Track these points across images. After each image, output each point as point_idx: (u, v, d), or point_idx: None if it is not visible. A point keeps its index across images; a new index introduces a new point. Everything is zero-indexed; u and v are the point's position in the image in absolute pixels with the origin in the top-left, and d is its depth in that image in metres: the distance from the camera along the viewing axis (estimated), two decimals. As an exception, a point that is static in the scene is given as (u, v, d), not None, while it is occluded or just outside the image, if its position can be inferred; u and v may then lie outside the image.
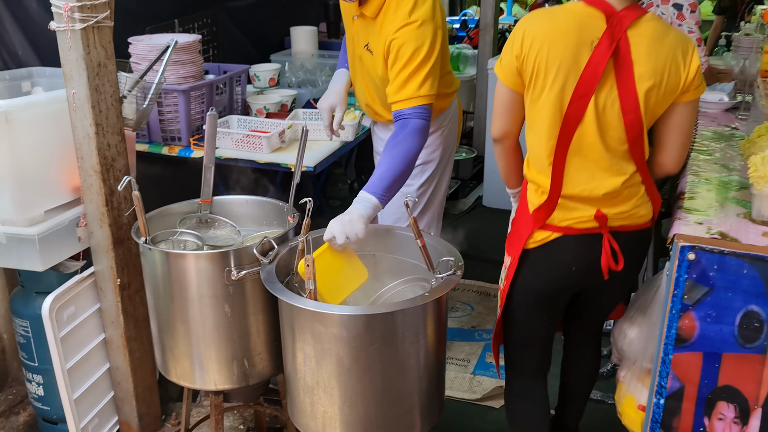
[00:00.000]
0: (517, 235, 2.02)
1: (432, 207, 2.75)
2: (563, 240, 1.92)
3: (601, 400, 2.72)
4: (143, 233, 2.02)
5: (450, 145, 2.74)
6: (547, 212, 1.91)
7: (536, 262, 1.97)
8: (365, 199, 2.05)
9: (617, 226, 1.91)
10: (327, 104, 2.61)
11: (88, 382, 2.50)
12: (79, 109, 2.19)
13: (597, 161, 1.85)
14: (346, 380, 1.77)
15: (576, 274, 1.97)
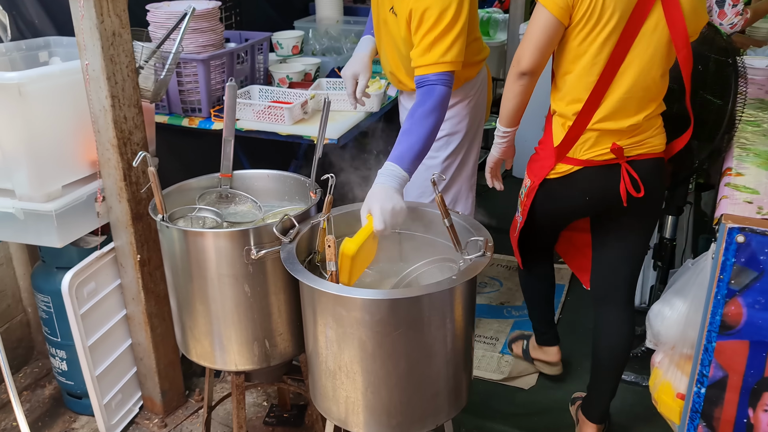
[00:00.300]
0: (540, 164, 2.17)
1: (459, 180, 2.63)
2: (583, 171, 2.07)
3: (635, 381, 2.62)
4: (160, 210, 1.95)
5: (478, 116, 2.62)
6: (572, 144, 2.05)
7: (554, 191, 2.16)
8: (398, 176, 1.95)
9: (633, 156, 2.05)
10: (350, 72, 2.50)
11: (111, 359, 2.48)
12: (94, 81, 2.12)
13: (631, 98, 1.98)
14: (369, 365, 1.70)
15: (591, 202, 2.14)
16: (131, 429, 2.61)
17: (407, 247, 2.10)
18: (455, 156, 2.57)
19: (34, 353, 2.96)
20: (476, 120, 2.61)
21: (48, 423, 2.67)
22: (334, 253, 1.69)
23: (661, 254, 2.63)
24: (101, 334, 2.42)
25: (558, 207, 2.21)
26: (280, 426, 2.61)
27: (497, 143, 2.28)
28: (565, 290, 3.29)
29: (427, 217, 2.05)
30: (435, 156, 2.53)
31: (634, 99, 1.98)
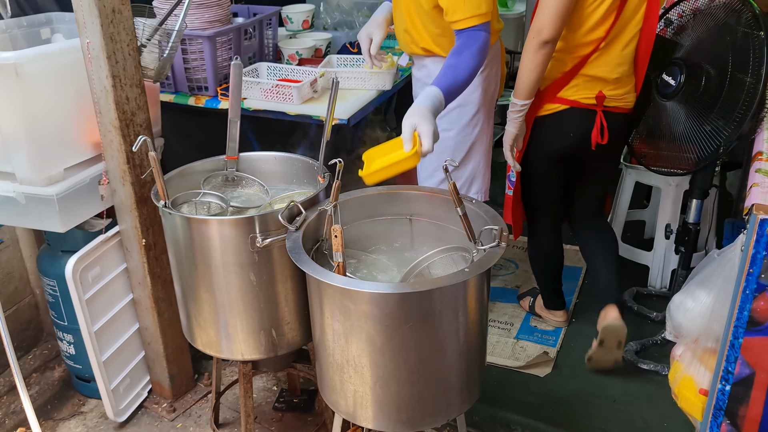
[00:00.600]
0: (531, 107, 2.33)
1: (474, 157, 2.52)
2: (569, 111, 2.32)
3: (654, 370, 2.53)
4: (162, 196, 1.88)
5: (491, 89, 2.50)
6: (561, 87, 2.30)
7: (544, 130, 2.38)
8: (438, 103, 1.95)
9: (610, 107, 2.32)
10: (364, 32, 2.53)
11: (117, 343, 2.45)
12: (95, 60, 2.04)
13: (626, 52, 2.25)
14: (378, 359, 1.64)
15: (573, 140, 2.37)
16: (140, 413, 2.58)
17: (418, 234, 2.03)
18: (470, 129, 2.47)
19: (43, 335, 2.94)
20: (489, 92, 2.50)
21: (57, 406, 2.65)
22: (341, 244, 1.62)
23: (684, 239, 2.53)
24: (107, 319, 2.38)
25: (547, 148, 2.42)
26: (289, 412, 2.57)
27: (514, 118, 2.34)
28: (583, 273, 3.20)
29: (439, 202, 1.97)
30: (448, 129, 2.44)
31: (627, 52, 2.25)
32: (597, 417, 2.36)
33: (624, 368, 2.58)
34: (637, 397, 2.43)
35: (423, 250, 2.01)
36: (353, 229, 2.00)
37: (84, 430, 2.52)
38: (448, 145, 2.46)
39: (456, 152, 2.47)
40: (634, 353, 2.62)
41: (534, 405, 2.42)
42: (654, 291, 3.01)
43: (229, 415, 2.57)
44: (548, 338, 2.75)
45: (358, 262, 1.95)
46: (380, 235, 2.03)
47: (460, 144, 2.47)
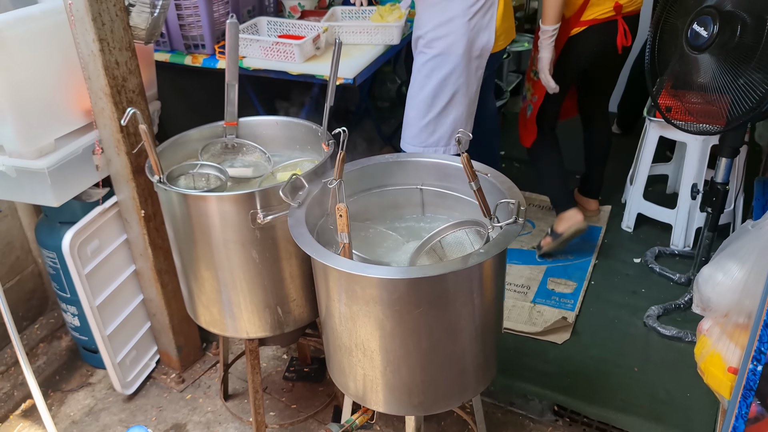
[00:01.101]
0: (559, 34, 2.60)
1: (456, 108, 2.38)
2: (592, 29, 2.64)
3: (677, 336, 2.43)
4: (156, 170, 1.77)
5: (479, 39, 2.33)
6: (583, 11, 2.61)
7: (572, 51, 2.69)
8: None
9: (628, 12, 2.66)
10: None
11: (122, 316, 2.38)
12: (79, 23, 1.90)
13: None
14: (388, 344, 1.55)
15: (597, 52, 2.72)
16: (148, 384, 2.54)
17: (430, 203, 1.91)
18: (453, 78, 2.33)
19: (48, 303, 2.88)
20: (478, 42, 2.33)
21: (65, 377, 2.62)
22: (346, 224, 1.51)
23: (712, 200, 2.39)
24: (110, 293, 2.30)
25: (575, 64, 2.74)
26: (300, 381, 2.51)
27: (547, 44, 2.57)
28: (602, 233, 3.07)
29: (451, 170, 1.84)
30: (429, 75, 2.33)
31: None
32: (617, 387, 2.28)
33: (645, 334, 2.49)
34: (658, 365, 2.34)
35: (435, 221, 1.91)
36: (360, 200, 1.89)
37: (93, 402, 2.49)
38: (428, 93, 2.35)
39: (435, 101, 2.36)
40: (655, 318, 2.52)
41: (551, 374, 2.35)
42: (677, 251, 2.88)
43: (238, 385, 2.52)
44: (566, 302, 2.65)
45: (366, 235, 1.84)
46: (389, 206, 1.92)
47: (439, 93, 2.35)
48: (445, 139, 2.39)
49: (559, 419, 2.25)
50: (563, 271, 2.82)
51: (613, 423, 2.17)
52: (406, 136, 2.46)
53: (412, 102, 2.39)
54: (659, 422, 2.13)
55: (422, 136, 2.39)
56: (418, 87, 2.35)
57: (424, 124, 2.37)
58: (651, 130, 2.87)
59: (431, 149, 2.40)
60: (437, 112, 2.35)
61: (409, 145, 2.45)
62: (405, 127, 2.46)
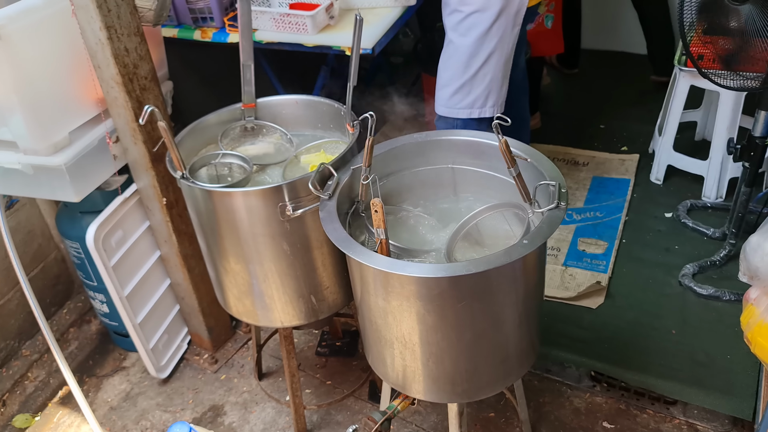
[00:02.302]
0: None
1: (492, 68, 2.24)
2: None
3: (714, 295, 2.38)
4: (178, 166, 1.70)
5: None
6: None
7: None
8: None
9: None
10: None
11: (151, 302, 2.36)
12: (82, 11, 1.80)
13: None
14: (430, 337, 1.51)
15: None
16: (182, 366, 2.54)
17: (462, 183, 1.84)
18: (489, 37, 2.19)
19: (74, 287, 2.87)
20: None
21: (99, 361, 2.63)
22: (383, 219, 1.44)
23: (750, 154, 2.29)
24: (137, 281, 2.28)
25: None
26: (333, 356, 2.50)
27: None
28: (631, 186, 2.99)
29: (484, 148, 1.76)
30: (464, 34, 2.20)
31: None
32: (654, 351, 2.25)
33: (681, 294, 2.45)
34: (696, 327, 2.31)
35: (468, 201, 1.84)
36: (390, 183, 1.82)
37: (129, 386, 2.50)
38: (464, 53, 2.23)
39: (472, 61, 2.23)
40: (691, 277, 2.46)
41: (587, 341, 2.32)
42: (709, 203, 2.81)
43: (272, 363, 2.52)
44: (598, 263, 2.60)
45: (399, 219, 1.78)
46: (420, 187, 1.85)
47: (476, 53, 2.22)
48: (480, 101, 2.29)
49: (597, 385, 2.24)
50: (593, 230, 2.76)
51: (652, 388, 2.15)
52: (440, 98, 2.35)
53: (447, 63, 2.27)
54: (700, 386, 2.10)
55: (457, 97, 2.29)
56: (453, 47, 2.23)
57: (459, 86, 2.26)
58: (681, 79, 2.75)
59: (466, 111, 2.30)
60: (473, 73, 2.23)
61: (443, 107, 2.34)
62: (438, 88, 2.35)
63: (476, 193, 1.83)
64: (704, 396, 2.07)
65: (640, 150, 3.22)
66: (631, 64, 3.92)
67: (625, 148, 3.26)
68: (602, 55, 4.08)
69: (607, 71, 3.94)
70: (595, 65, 4.00)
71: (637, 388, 2.18)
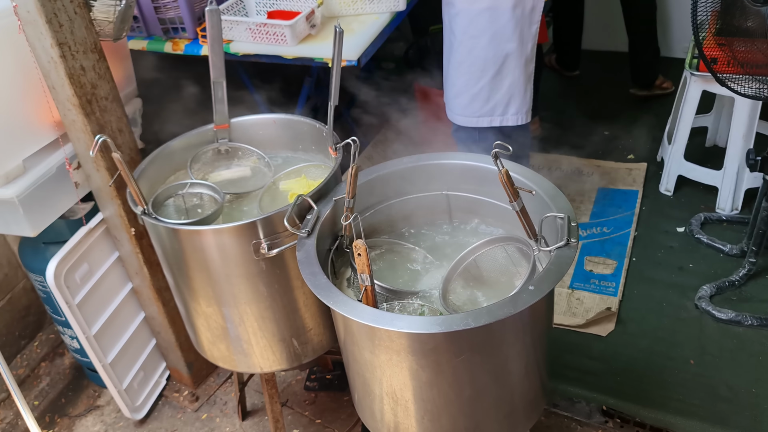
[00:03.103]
0: None
1: (511, 71, 2.07)
2: None
3: (734, 321, 2.19)
4: (138, 201, 1.52)
5: None
6: None
7: None
8: None
9: None
10: None
11: (123, 339, 2.18)
12: (31, 26, 1.61)
13: None
14: (425, 393, 1.33)
15: None
16: (160, 404, 2.35)
17: (458, 210, 1.66)
18: (506, 36, 2.02)
19: (47, 317, 2.68)
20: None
21: (71, 399, 2.44)
22: (367, 264, 1.26)
23: (772, 167, 2.11)
24: (107, 317, 2.09)
25: None
26: (323, 390, 2.32)
27: None
28: (639, 198, 2.80)
29: (477, 173, 1.59)
30: (477, 36, 2.02)
31: None
32: (672, 385, 2.06)
33: (698, 318, 2.26)
34: (717, 356, 2.12)
35: (465, 232, 1.66)
36: (379, 213, 1.64)
37: (102, 428, 2.31)
38: (478, 55, 2.04)
39: (488, 64, 2.05)
40: (708, 299, 2.28)
41: (598, 373, 2.13)
42: (725, 216, 2.62)
43: (257, 399, 2.33)
44: (607, 285, 2.42)
45: (388, 253, 1.60)
46: (411, 216, 1.67)
47: (492, 55, 2.04)
48: (501, 107, 2.11)
49: (609, 420, 2.05)
50: (600, 248, 2.58)
51: (670, 427, 1.96)
52: (456, 106, 2.17)
53: (461, 68, 2.09)
54: (723, 425, 1.92)
55: (476, 104, 2.11)
56: (466, 50, 2.04)
57: (477, 91, 2.08)
58: (693, 84, 2.56)
59: (486, 119, 2.13)
60: (491, 77, 2.05)
61: (460, 116, 2.16)
62: (453, 96, 2.17)
63: (474, 222, 1.65)
64: (728, 436, 1.89)
65: (648, 158, 3.03)
66: (635, 65, 3.72)
67: (631, 156, 3.07)
68: (604, 56, 3.89)
69: (610, 73, 3.74)
70: (597, 67, 3.82)
71: (654, 425, 2.00)
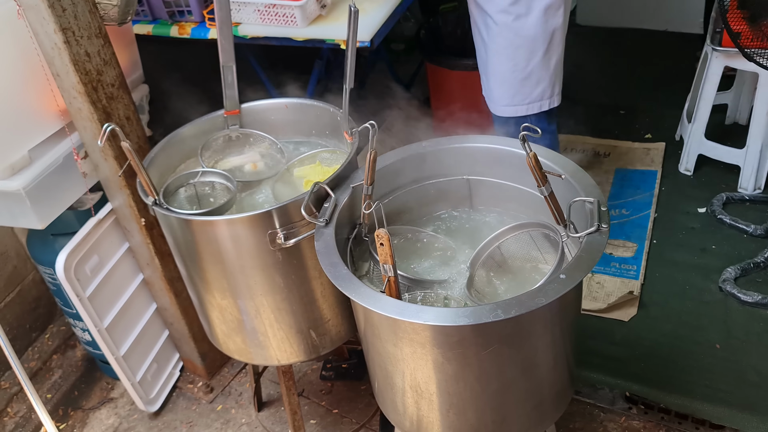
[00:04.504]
0: None
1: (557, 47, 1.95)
2: None
3: (761, 303, 2.13)
4: (149, 191, 1.46)
5: None
6: None
7: None
8: None
9: None
10: None
11: (135, 331, 2.14)
12: (32, 11, 1.55)
13: None
14: (450, 386, 1.28)
15: None
16: (175, 396, 2.32)
17: (480, 197, 1.60)
18: (553, 10, 1.87)
19: (57, 309, 2.64)
20: None
21: (84, 392, 2.41)
22: (390, 254, 1.21)
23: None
24: (119, 309, 2.05)
25: None
26: (339, 380, 2.28)
27: None
28: (659, 178, 2.74)
29: (499, 156, 1.53)
30: (524, 14, 1.85)
31: None
32: (698, 370, 2.01)
33: (723, 301, 2.20)
34: (743, 340, 2.07)
35: (487, 217, 1.60)
36: (398, 199, 1.59)
37: (117, 421, 2.28)
38: (527, 35, 1.88)
39: (536, 44, 1.90)
40: (733, 282, 2.22)
41: (621, 359, 2.08)
42: (747, 195, 2.55)
43: (272, 390, 2.29)
44: (628, 268, 2.36)
45: (405, 242, 1.54)
46: (431, 203, 1.62)
47: (541, 33, 1.88)
48: (549, 90, 1.98)
49: (633, 407, 2.01)
50: (620, 230, 2.52)
51: (697, 414, 1.92)
52: (501, 98, 2.01)
53: (503, 53, 1.92)
54: (753, 411, 1.87)
55: (524, 91, 1.96)
56: (511, 33, 1.87)
57: (525, 77, 1.93)
58: (714, 60, 2.48)
59: (535, 105, 1.99)
60: (540, 58, 1.91)
61: (508, 107, 2.01)
62: (495, 86, 2.01)
63: (496, 208, 1.59)
64: (758, 422, 1.84)
65: (666, 137, 2.95)
66: (650, 42, 3.63)
67: (649, 135, 3.00)
68: (618, 33, 3.79)
69: (625, 51, 3.65)
70: (611, 44, 3.72)
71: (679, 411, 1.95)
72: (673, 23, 3.64)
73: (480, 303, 1.32)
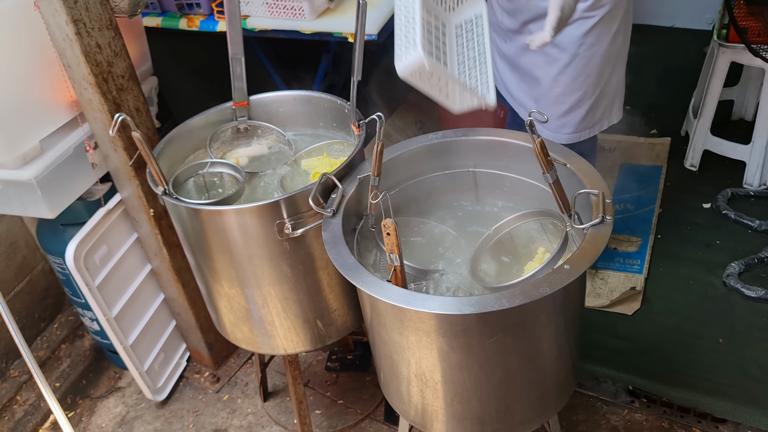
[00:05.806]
0: None
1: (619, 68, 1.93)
2: None
3: (764, 298, 2.14)
4: (159, 181, 1.48)
5: None
6: None
7: None
8: None
9: None
10: None
11: (143, 321, 2.16)
12: (45, 3, 1.57)
13: None
14: (455, 375, 1.30)
15: None
16: (181, 385, 2.35)
17: (485, 188, 1.61)
18: (619, 37, 1.85)
19: (66, 299, 2.67)
20: None
21: (93, 380, 2.44)
22: (396, 244, 1.22)
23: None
24: (127, 299, 2.07)
25: None
26: (344, 371, 2.30)
27: None
28: (663, 173, 2.74)
29: (505, 148, 1.54)
30: (596, 43, 1.80)
31: None
32: (701, 364, 2.02)
33: (726, 296, 2.21)
34: (746, 334, 2.08)
35: (492, 209, 1.62)
36: (402, 191, 1.60)
37: (124, 409, 2.31)
38: (597, 63, 1.85)
39: (605, 68, 1.88)
40: (737, 276, 2.23)
41: (624, 353, 2.09)
42: (752, 191, 2.56)
43: (278, 380, 2.32)
44: (632, 263, 2.37)
45: (411, 233, 1.56)
46: (437, 194, 1.63)
47: (610, 58, 1.88)
48: (609, 108, 1.97)
49: (636, 400, 2.03)
50: (624, 225, 2.53)
51: (699, 407, 1.93)
52: (566, 125, 1.94)
53: (575, 83, 1.86)
54: (755, 404, 1.88)
55: (593, 114, 1.92)
56: (583, 62, 1.82)
57: (594, 101, 1.90)
58: (721, 56, 2.48)
59: (597, 127, 1.97)
60: (606, 80, 1.89)
61: (574, 134, 1.95)
62: (562, 114, 1.93)
63: (501, 199, 1.60)
64: (760, 416, 1.85)
65: (671, 132, 2.96)
66: (655, 37, 3.63)
67: (654, 131, 3.00)
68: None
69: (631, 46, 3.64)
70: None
71: (682, 405, 1.96)
72: (681, 20, 3.64)
73: (485, 292, 1.34)
